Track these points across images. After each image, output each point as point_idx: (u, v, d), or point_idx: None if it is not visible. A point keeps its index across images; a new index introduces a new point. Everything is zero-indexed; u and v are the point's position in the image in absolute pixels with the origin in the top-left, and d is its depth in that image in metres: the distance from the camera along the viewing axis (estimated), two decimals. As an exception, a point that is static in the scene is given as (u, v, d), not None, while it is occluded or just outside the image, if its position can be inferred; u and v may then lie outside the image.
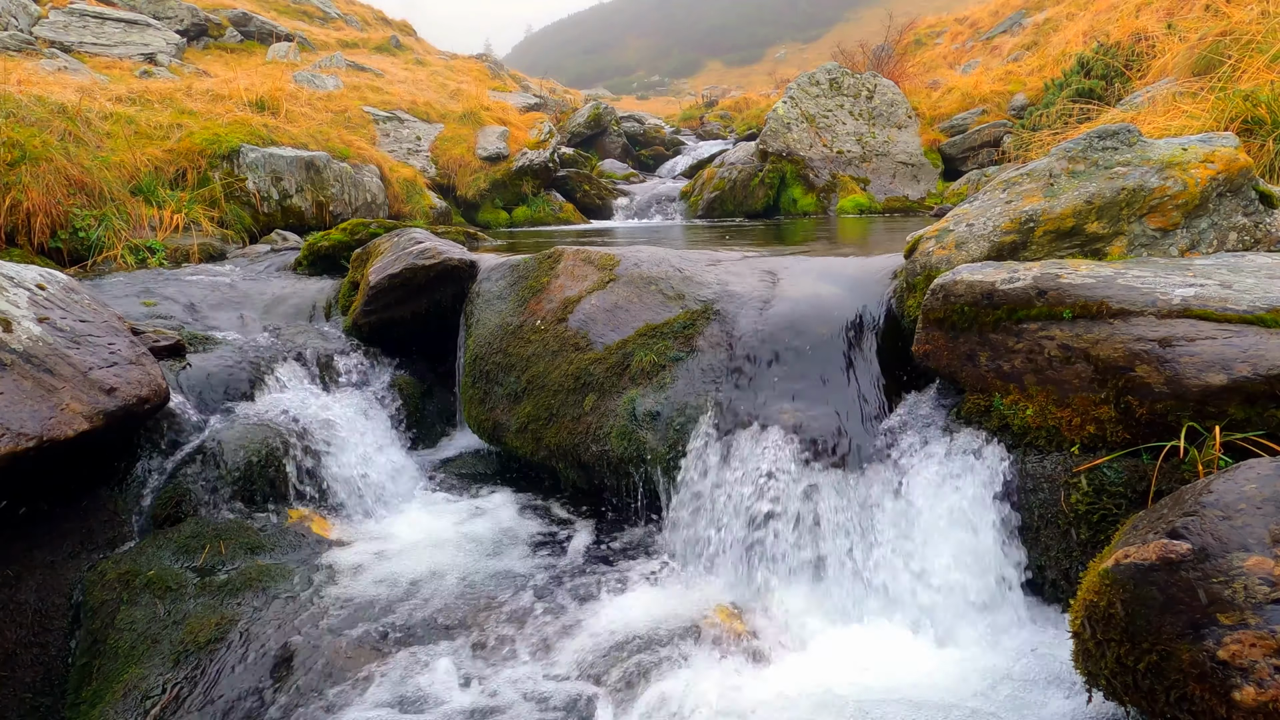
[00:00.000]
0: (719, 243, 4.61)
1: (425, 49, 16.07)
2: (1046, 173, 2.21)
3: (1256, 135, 3.26)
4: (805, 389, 2.27)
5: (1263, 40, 3.82)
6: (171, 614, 1.98)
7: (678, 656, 1.80)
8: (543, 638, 1.92)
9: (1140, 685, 1.17)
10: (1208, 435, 1.50)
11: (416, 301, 3.32)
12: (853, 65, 12.45)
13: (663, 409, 2.37)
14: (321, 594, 2.10)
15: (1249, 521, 1.13)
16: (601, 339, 2.66)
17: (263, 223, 5.77)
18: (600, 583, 2.17)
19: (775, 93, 17.24)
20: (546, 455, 2.63)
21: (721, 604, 2.00)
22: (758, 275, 2.83)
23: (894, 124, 8.93)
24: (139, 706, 1.74)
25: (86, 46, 9.20)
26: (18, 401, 1.90)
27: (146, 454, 2.42)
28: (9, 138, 4.19)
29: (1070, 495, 1.69)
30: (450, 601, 2.08)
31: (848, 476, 2.01)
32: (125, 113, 5.71)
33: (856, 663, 1.75)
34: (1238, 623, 1.05)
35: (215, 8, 12.23)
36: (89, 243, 4.26)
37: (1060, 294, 1.76)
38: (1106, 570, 1.24)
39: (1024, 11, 15.07)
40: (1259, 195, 2.12)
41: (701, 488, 2.20)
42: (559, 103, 16.01)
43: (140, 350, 2.41)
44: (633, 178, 11.34)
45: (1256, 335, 1.52)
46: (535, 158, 8.87)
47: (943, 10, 20.16)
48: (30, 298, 2.28)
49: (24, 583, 2.03)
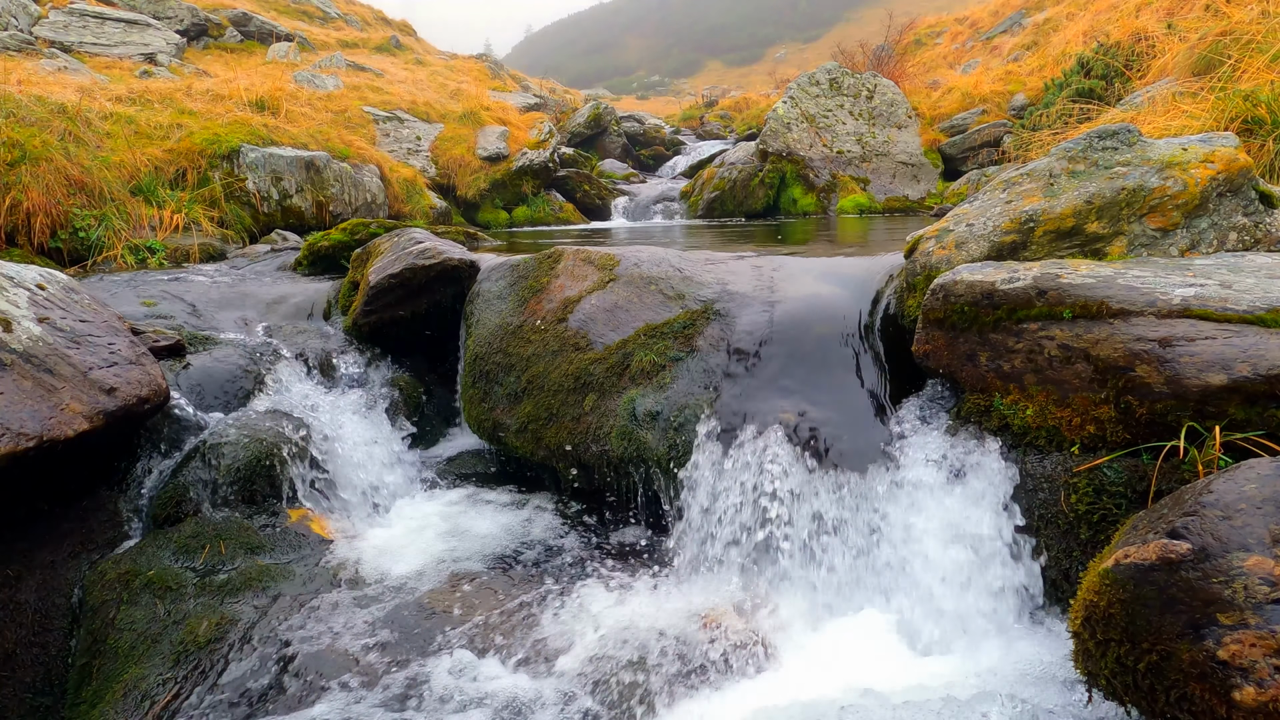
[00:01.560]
0: (719, 243, 4.61)
1: (425, 49, 16.07)
2: (1046, 173, 2.20)
3: (1256, 135, 3.26)
4: (805, 389, 2.27)
5: (1263, 40, 3.82)
6: (171, 614, 1.98)
7: (676, 658, 1.80)
8: (542, 638, 1.92)
9: (1140, 685, 1.18)
10: (1208, 435, 1.50)
11: (416, 301, 3.32)
12: (853, 65, 12.46)
13: (663, 409, 2.37)
14: (321, 593, 2.10)
15: (1249, 521, 1.13)
16: (601, 339, 2.66)
17: (263, 223, 5.76)
18: (600, 583, 2.17)
19: (775, 93, 17.24)
20: (546, 455, 2.63)
21: (721, 605, 2.00)
22: (758, 275, 2.83)
23: (894, 124, 8.93)
24: (139, 706, 1.74)
25: (86, 46, 9.20)
26: (18, 401, 1.90)
27: (146, 454, 2.42)
28: (9, 138, 4.19)
29: (1070, 495, 1.69)
30: (449, 600, 2.08)
31: (848, 476, 2.01)
32: (125, 113, 5.71)
33: (856, 664, 1.75)
34: (1238, 623, 1.05)
35: (215, 8, 12.23)
36: (89, 243, 4.26)
37: (1060, 294, 1.76)
38: (1106, 570, 1.24)
39: (1024, 11, 15.07)
40: (1259, 195, 2.12)
41: (701, 488, 2.20)
42: (559, 103, 16.01)
43: (140, 350, 2.41)
44: (633, 178, 11.34)
45: (1256, 335, 1.52)
46: (535, 158, 8.87)
47: (943, 10, 20.16)
48: (30, 298, 2.28)
49: (24, 583, 2.03)
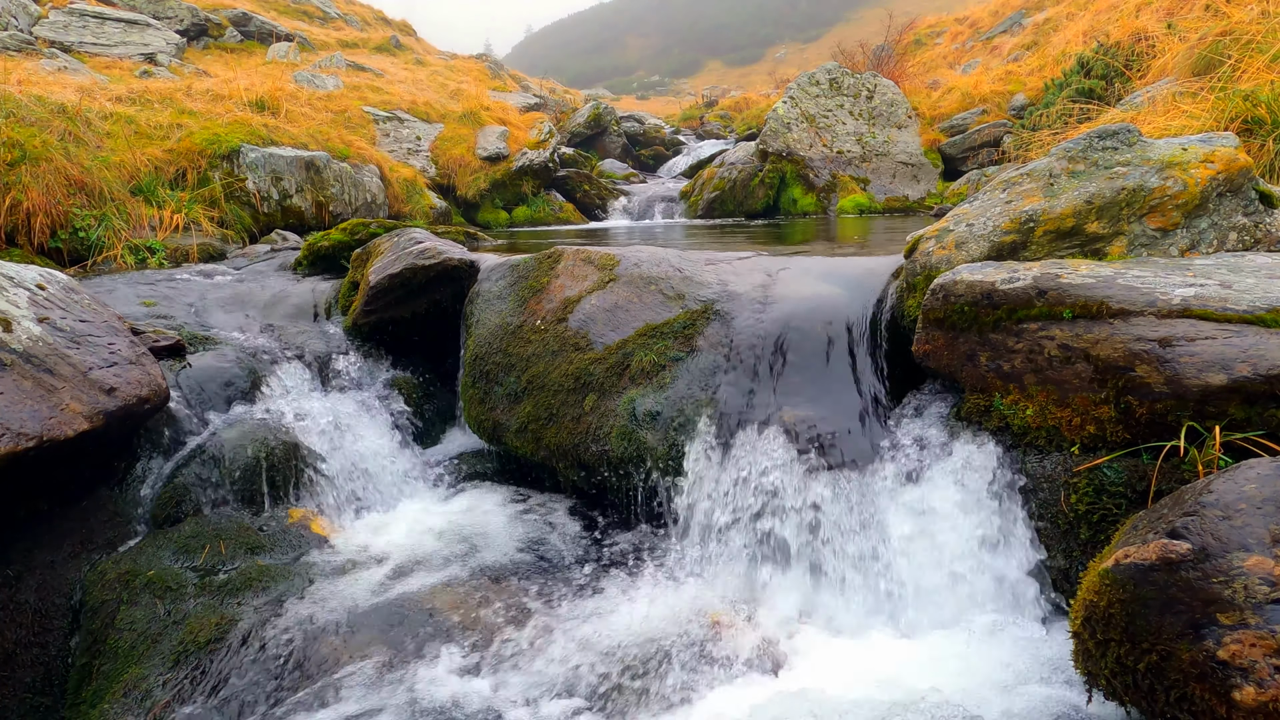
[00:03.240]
0: (719, 243, 4.61)
1: (425, 49, 16.07)
2: (1046, 173, 2.20)
3: (1256, 135, 3.26)
4: (805, 389, 2.27)
5: (1263, 40, 3.82)
6: (171, 614, 1.98)
7: (676, 658, 1.80)
8: (542, 638, 1.92)
9: (1140, 685, 1.18)
10: (1208, 435, 1.50)
11: (416, 301, 3.32)
12: (853, 65, 12.46)
13: (663, 409, 2.37)
14: (321, 593, 2.10)
15: (1249, 521, 1.13)
16: (601, 339, 2.66)
17: (263, 223, 5.76)
18: (600, 583, 2.17)
19: (775, 93, 17.24)
20: (546, 455, 2.63)
21: (721, 605, 2.00)
22: (758, 275, 2.83)
23: (894, 124, 8.93)
24: (139, 706, 1.74)
25: (86, 46, 9.20)
26: (18, 401, 1.90)
27: (146, 454, 2.42)
28: (9, 138, 4.19)
29: (1070, 495, 1.69)
30: (450, 601, 2.08)
31: (847, 476, 2.01)
32: (125, 113, 5.71)
33: (856, 664, 1.75)
34: (1238, 623, 1.05)
35: (215, 8, 12.22)
36: (89, 243, 4.26)
37: (1060, 294, 1.76)
38: (1106, 570, 1.24)
39: (1024, 11, 15.07)
40: (1259, 195, 2.11)
41: (701, 488, 2.20)
42: (559, 103, 16.01)
43: (140, 350, 2.41)
44: (633, 178, 11.34)
45: (1256, 335, 1.52)
46: (535, 158, 8.87)
47: (943, 10, 20.16)
48: (30, 298, 2.28)
49: (24, 583, 2.03)
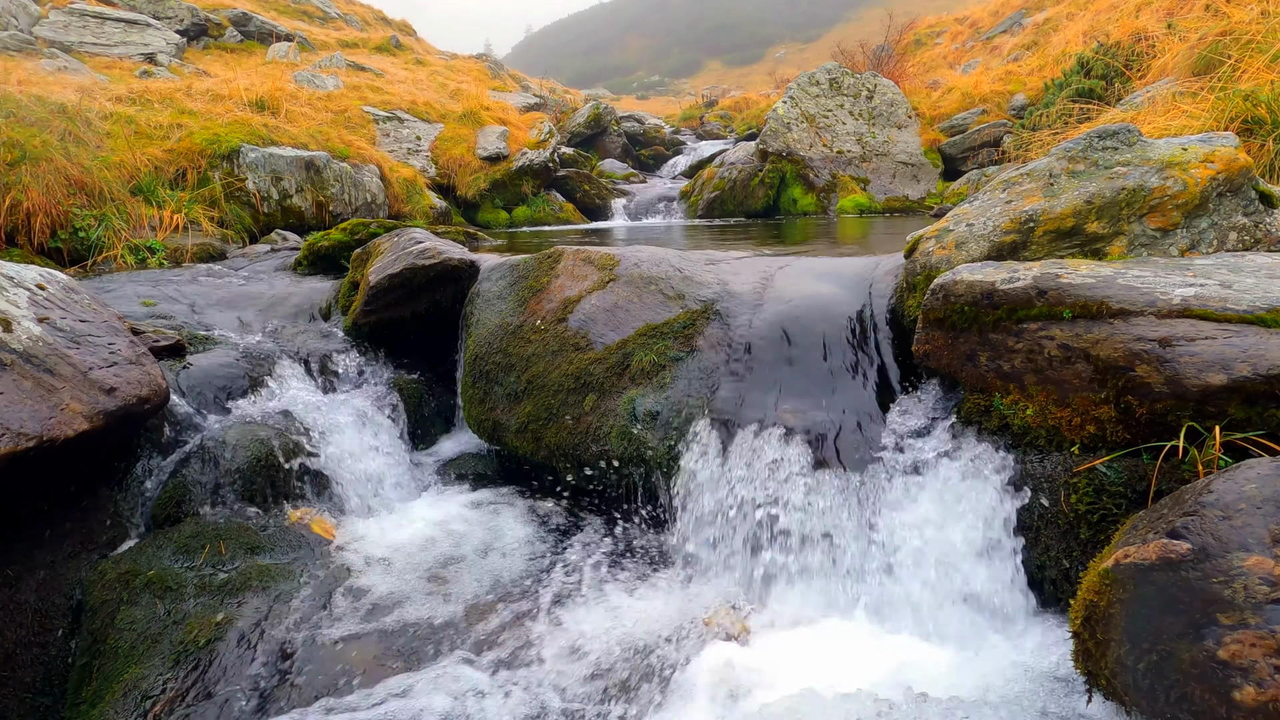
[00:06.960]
0: (719, 242, 4.61)
1: (425, 49, 16.07)
2: (1046, 173, 2.20)
3: (1256, 135, 3.26)
4: (805, 389, 2.27)
5: (1263, 40, 3.82)
6: (171, 614, 1.98)
7: (677, 659, 1.80)
8: (542, 638, 1.92)
9: (1140, 685, 1.17)
10: (1208, 435, 1.50)
11: (416, 301, 3.32)
12: (853, 65, 12.46)
13: (663, 409, 2.37)
14: (321, 594, 2.10)
15: (1249, 521, 1.13)
16: (601, 339, 2.66)
17: (263, 223, 5.76)
18: (599, 583, 2.17)
19: (775, 93, 17.24)
20: (546, 455, 2.63)
21: (722, 605, 2.00)
22: (758, 275, 2.83)
23: (894, 124, 8.93)
24: (139, 706, 1.74)
25: (86, 46, 9.20)
26: (18, 401, 1.90)
27: (146, 454, 2.42)
28: (9, 138, 4.19)
29: (1070, 495, 1.69)
30: (449, 601, 2.08)
31: (847, 476, 2.01)
32: (125, 113, 5.71)
33: (856, 664, 1.75)
34: (1238, 623, 1.05)
35: (215, 8, 12.23)
36: (89, 243, 4.26)
37: (1060, 294, 1.76)
38: (1106, 570, 1.24)
39: (1024, 11, 15.08)
40: (1259, 195, 2.11)
41: (701, 488, 2.20)
42: (559, 103, 16.02)
43: (140, 350, 2.41)
44: (633, 178, 11.34)
45: (1256, 335, 1.52)
46: (535, 158, 8.87)
47: (943, 10, 20.17)
48: (30, 298, 2.28)
49: (24, 583, 2.03)
